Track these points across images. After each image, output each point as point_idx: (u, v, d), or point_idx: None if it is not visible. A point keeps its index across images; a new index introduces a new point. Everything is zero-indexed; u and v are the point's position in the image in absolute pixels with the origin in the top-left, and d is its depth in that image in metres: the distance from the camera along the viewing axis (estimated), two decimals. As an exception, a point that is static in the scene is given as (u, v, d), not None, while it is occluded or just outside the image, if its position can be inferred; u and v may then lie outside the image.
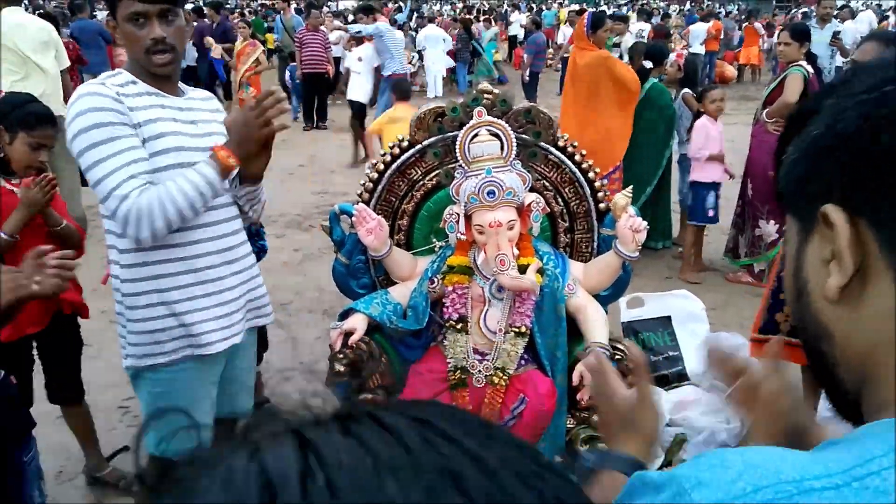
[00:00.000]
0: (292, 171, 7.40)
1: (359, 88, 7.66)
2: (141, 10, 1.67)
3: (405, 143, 2.23)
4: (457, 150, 2.11)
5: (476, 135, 2.09)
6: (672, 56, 6.65)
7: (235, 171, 1.79)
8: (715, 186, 4.44)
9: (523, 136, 2.17)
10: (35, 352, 2.45)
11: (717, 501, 0.45)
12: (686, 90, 5.12)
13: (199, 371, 1.83)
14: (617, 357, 2.09)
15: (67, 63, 5.02)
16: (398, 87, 6.12)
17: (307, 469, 0.29)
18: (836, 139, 0.51)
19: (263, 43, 10.54)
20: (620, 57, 8.79)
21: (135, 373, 1.83)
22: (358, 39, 7.77)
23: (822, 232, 0.52)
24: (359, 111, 7.76)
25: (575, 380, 2.00)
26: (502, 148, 2.08)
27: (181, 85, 1.87)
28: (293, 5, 12.90)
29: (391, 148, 2.24)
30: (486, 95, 2.16)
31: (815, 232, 0.53)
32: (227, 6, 19.85)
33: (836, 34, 7.09)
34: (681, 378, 2.82)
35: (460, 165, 2.12)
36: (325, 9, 15.83)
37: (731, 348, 3.03)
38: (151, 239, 1.66)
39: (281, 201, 6.21)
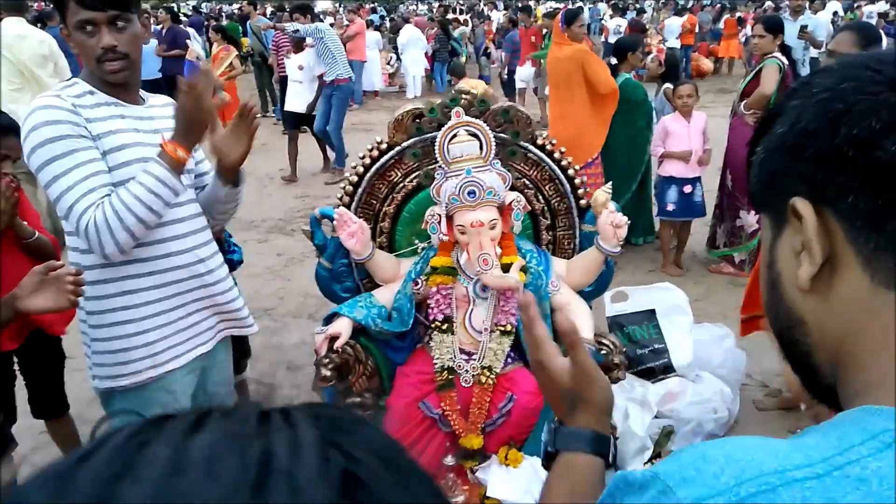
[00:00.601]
0: (273, 175, 7.37)
1: (297, 98, 7.11)
2: (89, 17, 1.59)
3: (384, 146, 2.22)
4: (436, 151, 2.10)
5: (455, 135, 2.08)
6: (653, 52, 6.73)
7: (212, 169, 1.76)
8: (678, 182, 4.46)
9: (502, 135, 2.17)
10: (17, 367, 2.42)
11: (702, 497, 0.45)
12: (667, 85, 5.16)
13: (168, 388, 1.80)
14: (602, 352, 2.10)
15: (68, 75, 4.96)
16: (454, 70, 6.91)
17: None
18: (800, 136, 0.53)
19: (239, 47, 10.44)
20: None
21: (104, 393, 1.79)
22: (297, 44, 7.04)
23: (792, 224, 0.54)
24: (296, 121, 7.16)
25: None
26: (481, 147, 2.08)
27: (143, 93, 1.81)
28: (268, 7, 12.78)
29: (369, 150, 2.24)
30: (463, 95, 2.16)
31: (786, 225, 0.55)
32: (202, 11, 19.61)
33: (803, 28, 7.17)
34: (666, 370, 2.83)
35: (440, 166, 2.12)
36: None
37: (715, 337, 3.08)
38: (118, 252, 1.61)
39: (263, 206, 6.18)
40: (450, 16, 15.25)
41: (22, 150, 1.98)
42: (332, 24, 12.94)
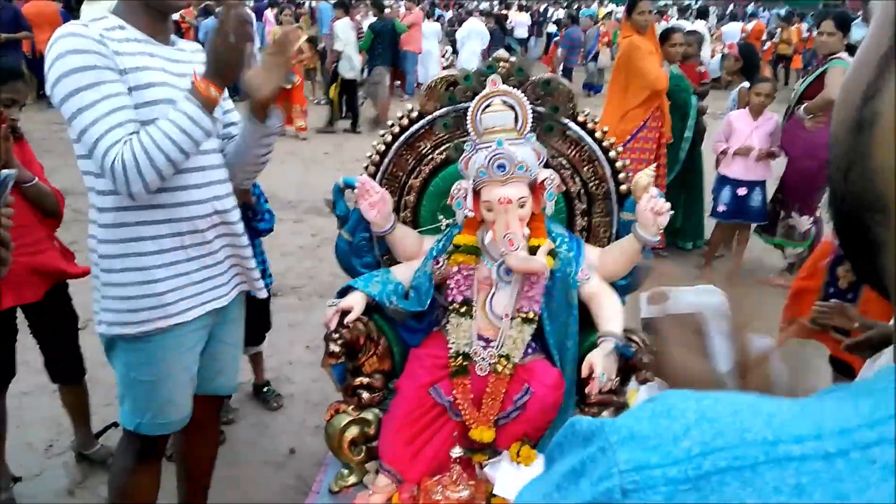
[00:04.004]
0: (317, 158, 7.35)
1: None
2: None
3: (414, 114, 2.10)
4: (468, 121, 1.97)
5: (489, 105, 1.94)
6: (718, 53, 6.44)
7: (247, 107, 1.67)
8: (733, 183, 4.22)
9: (540, 108, 2.02)
10: (29, 330, 2.37)
11: (646, 464, 0.32)
12: (744, 85, 4.84)
13: (176, 340, 1.71)
14: (632, 349, 1.93)
15: None
16: None
17: None
18: None
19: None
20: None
21: (108, 340, 1.72)
22: None
23: None
24: None
25: (584, 372, 1.85)
26: (516, 120, 1.94)
27: (173, 36, 1.74)
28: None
29: (399, 119, 2.11)
30: (501, 63, 2.02)
31: None
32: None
33: None
34: (703, 379, 2.64)
35: (471, 138, 1.98)
36: None
37: (758, 348, 2.88)
38: (144, 193, 1.53)
39: (303, 187, 6.16)
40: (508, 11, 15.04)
41: (27, 94, 1.91)
42: (388, 12, 12.92)
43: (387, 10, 12.36)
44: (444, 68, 12.88)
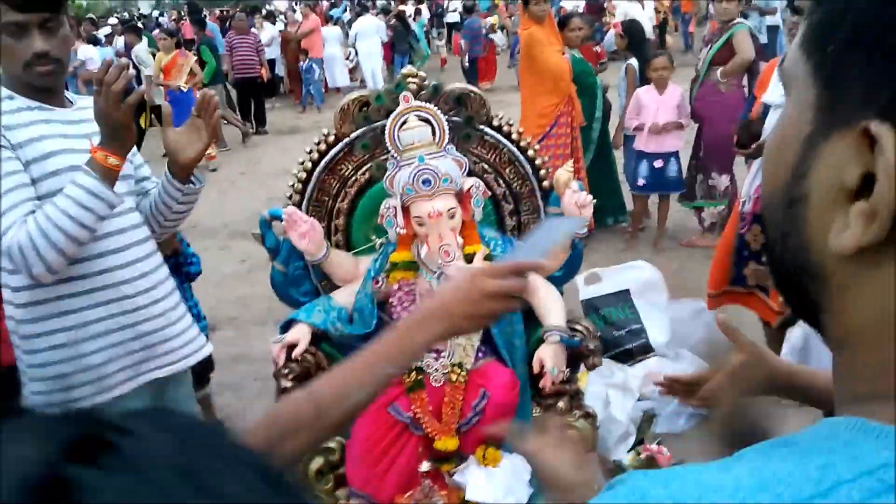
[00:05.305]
0: (233, 179, 7.18)
1: None
2: (20, 20, 1.45)
3: (331, 138, 2.09)
4: (386, 139, 1.98)
5: (405, 122, 1.96)
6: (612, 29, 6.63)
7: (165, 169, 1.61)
8: (648, 156, 4.38)
9: (455, 118, 2.05)
10: None
11: None
12: (630, 62, 4.94)
13: (118, 410, 1.65)
14: (576, 338, 2.00)
15: None
16: None
17: None
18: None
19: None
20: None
21: None
22: None
23: (852, 144, 0.36)
24: None
25: (535, 368, 1.91)
26: (434, 133, 1.96)
27: (70, 95, 1.67)
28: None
29: (316, 144, 2.10)
30: (410, 80, 2.04)
31: (842, 135, 0.37)
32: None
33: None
34: (645, 350, 2.76)
35: (392, 156, 2.00)
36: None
37: (693, 312, 3.03)
38: (47, 274, 1.46)
39: (223, 211, 6.01)
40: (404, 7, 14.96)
41: None
42: (284, 23, 12.69)
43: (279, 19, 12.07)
44: (350, 70, 12.81)
